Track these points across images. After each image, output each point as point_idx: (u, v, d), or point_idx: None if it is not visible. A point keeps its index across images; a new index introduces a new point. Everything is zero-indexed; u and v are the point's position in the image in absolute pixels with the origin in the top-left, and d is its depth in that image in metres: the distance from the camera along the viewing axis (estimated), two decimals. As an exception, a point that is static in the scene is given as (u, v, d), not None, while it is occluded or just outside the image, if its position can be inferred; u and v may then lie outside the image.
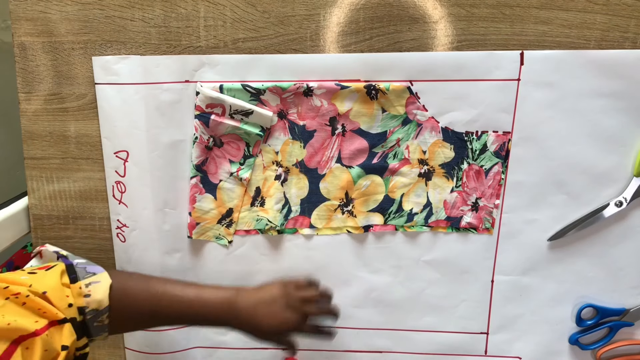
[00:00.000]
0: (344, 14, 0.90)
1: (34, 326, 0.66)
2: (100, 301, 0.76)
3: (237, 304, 0.86)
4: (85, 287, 0.75)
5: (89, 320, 0.75)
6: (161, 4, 0.91)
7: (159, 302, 0.83)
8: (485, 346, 1.06)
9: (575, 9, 0.88)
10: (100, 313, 0.76)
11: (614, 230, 0.97)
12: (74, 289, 0.75)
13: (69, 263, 0.78)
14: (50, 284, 0.72)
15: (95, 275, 0.78)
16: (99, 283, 0.77)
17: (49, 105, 0.96)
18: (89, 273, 0.78)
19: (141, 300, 0.82)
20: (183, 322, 0.87)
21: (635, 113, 0.91)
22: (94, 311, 0.75)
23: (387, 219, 0.99)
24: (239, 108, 0.93)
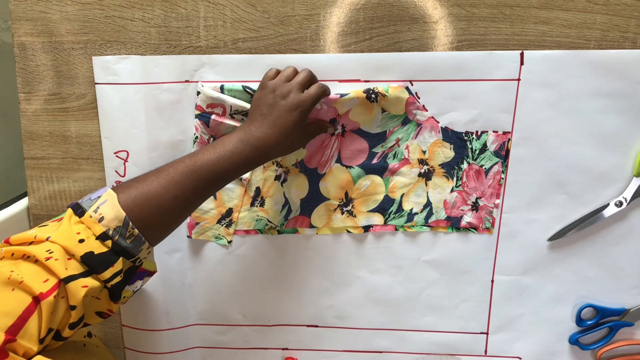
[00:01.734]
0: (344, 14, 0.90)
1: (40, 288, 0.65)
2: (115, 216, 0.73)
3: (249, 140, 0.82)
4: (95, 212, 0.72)
5: (120, 240, 0.73)
6: (161, 4, 0.91)
7: (178, 186, 0.78)
8: (485, 346, 1.06)
9: (575, 9, 0.88)
10: (124, 227, 0.73)
11: (614, 230, 0.97)
12: (86, 221, 0.72)
13: (73, 204, 0.75)
14: (54, 229, 0.71)
15: (100, 197, 0.74)
16: (105, 202, 0.73)
17: (49, 105, 0.96)
18: (93, 200, 0.74)
19: (161, 194, 0.77)
20: (213, 189, 0.83)
21: (635, 113, 0.91)
22: (117, 229, 0.73)
23: (387, 219, 0.99)
24: (240, 108, 0.93)
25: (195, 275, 1.03)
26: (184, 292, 1.03)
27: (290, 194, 0.99)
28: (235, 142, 0.82)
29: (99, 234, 0.72)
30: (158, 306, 1.03)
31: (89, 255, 0.71)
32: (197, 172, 0.79)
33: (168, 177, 0.78)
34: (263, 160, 0.85)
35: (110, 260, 0.73)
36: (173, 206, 0.78)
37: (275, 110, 0.84)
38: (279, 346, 1.08)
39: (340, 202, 0.99)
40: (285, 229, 1.00)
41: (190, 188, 0.79)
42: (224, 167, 0.80)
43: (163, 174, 0.78)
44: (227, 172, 0.81)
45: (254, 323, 1.06)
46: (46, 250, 0.68)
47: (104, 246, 0.72)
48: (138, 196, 0.75)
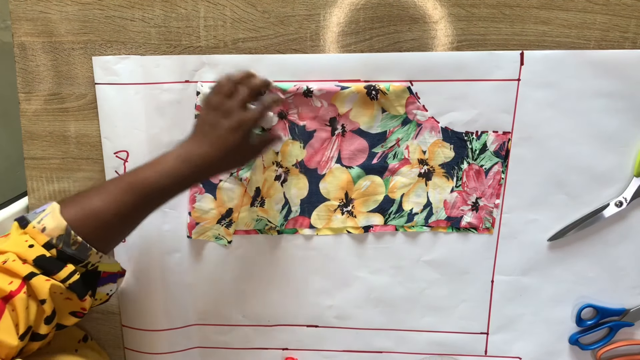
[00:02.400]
0: (344, 14, 0.90)
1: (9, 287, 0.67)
2: (57, 226, 0.73)
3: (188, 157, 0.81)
4: (38, 223, 0.73)
5: (64, 248, 0.73)
6: (161, 4, 0.91)
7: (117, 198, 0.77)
8: (485, 346, 1.06)
9: (575, 9, 0.88)
10: (66, 235, 0.73)
11: (614, 231, 0.98)
12: (30, 231, 0.73)
13: (19, 217, 0.75)
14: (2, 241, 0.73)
15: (44, 211, 0.75)
16: (48, 214, 0.74)
17: (49, 105, 0.96)
18: (38, 212, 0.75)
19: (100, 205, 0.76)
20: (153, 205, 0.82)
21: (635, 113, 0.91)
22: (60, 237, 0.73)
23: (387, 220, 0.99)
24: (239, 108, 0.93)
25: (195, 275, 1.03)
26: (184, 292, 1.03)
27: (290, 194, 0.99)
28: (175, 160, 0.80)
29: (43, 243, 0.73)
30: (158, 306, 1.03)
31: (41, 258, 0.72)
32: (137, 189, 0.78)
33: (109, 193, 0.78)
34: (203, 178, 0.88)
35: (60, 265, 0.74)
36: (115, 222, 0.78)
37: (217, 129, 0.82)
38: (279, 346, 1.08)
39: (340, 203, 0.99)
40: (285, 229, 1.00)
41: (131, 205, 0.78)
42: (163, 184, 0.79)
43: (104, 190, 0.78)
44: (167, 190, 0.81)
45: (254, 323, 1.06)
46: (1, 262, 0.69)
47: (49, 253, 0.73)
48: (80, 211, 0.76)
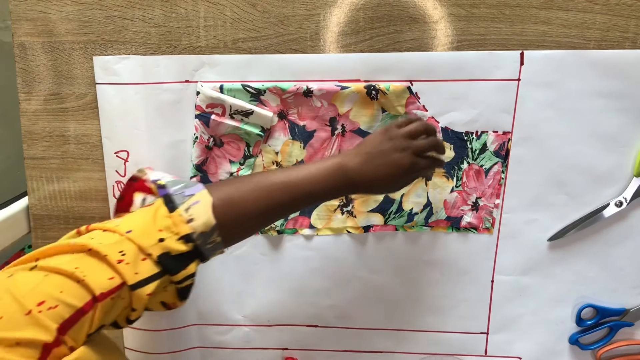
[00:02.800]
0: (344, 14, 0.90)
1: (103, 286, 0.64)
2: (205, 222, 0.72)
3: (346, 169, 0.81)
4: (185, 212, 0.72)
5: (201, 245, 0.73)
6: (161, 4, 0.91)
7: (269, 198, 0.78)
8: (486, 346, 1.06)
9: (575, 9, 0.88)
10: (209, 234, 0.73)
11: (614, 230, 0.98)
12: (175, 218, 0.71)
13: (165, 193, 0.75)
14: (137, 223, 0.71)
15: (194, 196, 0.74)
16: (198, 203, 0.73)
17: (49, 105, 0.96)
18: (186, 196, 0.74)
19: (250, 203, 0.77)
20: (297, 207, 0.83)
21: (635, 113, 0.92)
22: (203, 234, 0.72)
23: (387, 219, 0.99)
24: (239, 108, 0.93)
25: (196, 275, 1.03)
26: (184, 292, 1.03)
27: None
28: (334, 167, 0.81)
29: (183, 235, 0.71)
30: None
31: (165, 256, 0.70)
32: (288, 187, 0.79)
33: (260, 187, 0.78)
34: (350, 192, 0.88)
35: (185, 262, 0.73)
36: (258, 216, 0.79)
37: (385, 158, 0.82)
38: (279, 346, 1.08)
39: (340, 203, 0.99)
40: (285, 229, 1.00)
41: (278, 201, 0.79)
42: (315, 188, 0.80)
43: (255, 183, 0.79)
44: (317, 194, 0.81)
45: (254, 323, 1.06)
46: (119, 251, 0.67)
47: (184, 246, 0.71)
48: (227, 202, 0.75)
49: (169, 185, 0.77)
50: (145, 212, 0.73)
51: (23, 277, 0.63)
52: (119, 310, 0.69)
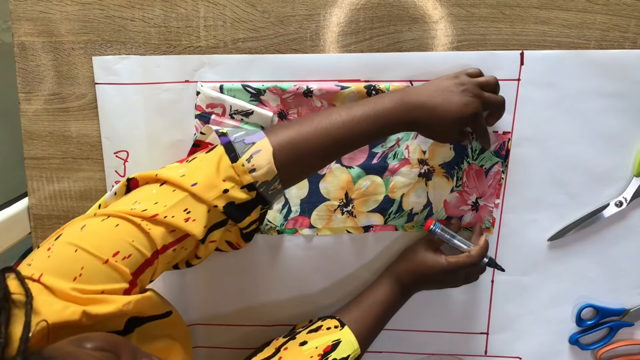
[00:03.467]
0: (344, 14, 0.90)
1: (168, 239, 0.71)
2: (267, 172, 0.74)
3: (410, 101, 0.80)
4: (247, 162, 0.73)
5: (264, 192, 0.75)
6: (161, 4, 0.91)
7: (330, 137, 0.79)
8: (485, 346, 1.06)
9: (575, 9, 0.88)
10: (271, 182, 0.75)
11: (614, 230, 0.98)
12: (237, 168, 0.73)
13: (226, 141, 0.75)
14: (202, 174, 0.73)
15: (255, 145, 0.75)
16: (259, 152, 0.74)
17: (49, 105, 0.96)
18: (247, 144, 0.75)
19: (311, 146, 0.78)
20: (360, 144, 0.83)
21: (635, 113, 0.92)
22: (265, 183, 0.74)
23: (387, 219, 0.99)
24: (239, 108, 0.93)
25: (196, 275, 1.03)
26: (184, 292, 1.04)
27: (290, 194, 0.99)
28: (396, 103, 0.80)
29: (246, 184, 0.74)
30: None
31: (230, 206, 0.74)
32: (349, 126, 0.79)
33: (323, 128, 0.78)
34: (410, 128, 0.84)
35: (249, 209, 0.76)
36: (318, 158, 0.81)
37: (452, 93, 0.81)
38: (279, 346, 1.08)
39: (340, 203, 0.99)
40: (285, 229, 1.00)
41: (339, 141, 0.79)
42: (375, 126, 0.80)
43: (316, 124, 0.79)
44: (378, 132, 0.81)
45: (254, 323, 1.06)
46: (184, 210, 0.71)
47: (247, 195, 0.74)
48: (289, 147, 0.77)
49: (230, 133, 0.78)
50: (208, 162, 0.75)
51: (96, 228, 0.68)
52: (180, 258, 0.76)
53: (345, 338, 0.88)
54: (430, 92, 0.81)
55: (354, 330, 0.90)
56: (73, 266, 0.63)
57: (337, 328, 0.90)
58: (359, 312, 0.94)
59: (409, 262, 0.96)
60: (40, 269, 0.62)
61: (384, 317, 0.95)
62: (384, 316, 0.95)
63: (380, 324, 0.95)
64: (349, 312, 0.95)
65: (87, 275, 0.63)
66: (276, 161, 0.75)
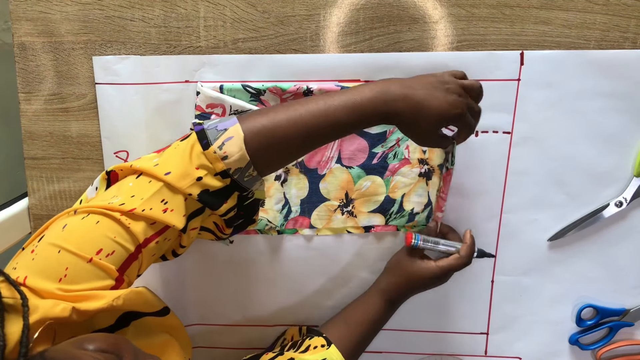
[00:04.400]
0: (344, 14, 0.90)
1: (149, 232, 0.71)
2: (239, 158, 0.72)
3: (391, 91, 0.76)
4: (219, 149, 0.72)
5: (239, 179, 0.74)
6: (161, 4, 0.91)
7: (304, 126, 0.76)
8: (486, 346, 1.06)
9: (575, 9, 0.88)
10: (245, 169, 0.73)
11: (614, 231, 0.98)
12: (209, 155, 0.72)
13: (199, 129, 0.74)
14: (175, 163, 0.73)
15: (227, 131, 0.73)
16: (231, 139, 0.73)
17: (49, 105, 0.96)
18: (220, 131, 0.73)
19: (284, 133, 0.75)
20: (337, 135, 0.80)
21: (635, 113, 0.92)
22: (238, 170, 0.73)
23: (388, 220, 0.99)
24: (239, 108, 0.93)
25: (196, 275, 1.03)
26: (184, 292, 1.04)
27: (290, 194, 0.99)
28: (375, 95, 0.76)
29: (219, 172, 0.73)
30: (158, 306, 1.03)
31: (205, 193, 0.73)
32: (326, 116, 0.76)
33: (297, 115, 0.76)
34: (389, 122, 0.79)
35: (225, 196, 0.75)
36: (294, 146, 0.78)
37: (436, 90, 0.77)
38: (279, 346, 1.08)
39: (341, 203, 0.99)
40: (285, 230, 1.00)
41: (315, 131, 0.76)
42: (352, 118, 0.76)
43: (292, 111, 0.76)
44: (355, 124, 0.77)
45: (254, 323, 1.06)
46: (161, 201, 0.71)
47: (221, 182, 0.74)
48: (261, 134, 0.74)
49: (205, 121, 0.77)
50: (181, 150, 0.74)
51: (77, 227, 0.68)
52: (165, 249, 0.76)
53: (332, 357, 0.89)
54: (414, 84, 0.77)
55: (341, 348, 0.91)
56: (57, 267, 0.63)
57: (323, 347, 0.91)
58: (346, 330, 0.95)
59: (398, 277, 0.96)
60: (25, 272, 0.62)
61: (371, 334, 0.96)
62: (371, 333, 0.96)
63: (367, 341, 0.97)
64: (336, 329, 0.95)
65: (72, 275, 0.63)
66: (248, 148, 0.73)
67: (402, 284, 0.95)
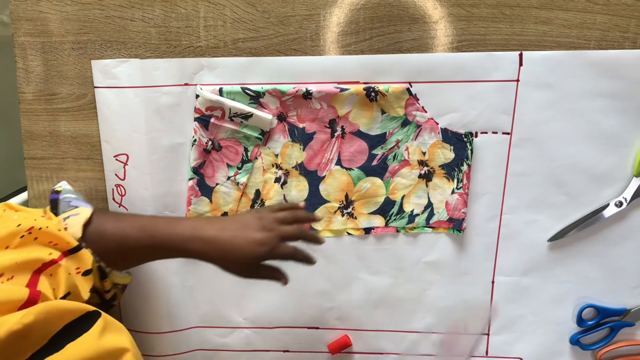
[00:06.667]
0: (344, 14, 0.90)
1: (49, 257, 0.66)
2: (73, 234, 0.72)
3: (203, 230, 0.81)
4: (63, 220, 0.72)
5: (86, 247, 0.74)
6: (161, 4, 0.91)
7: (125, 240, 0.78)
8: (487, 347, 1.06)
9: (575, 9, 0.88)
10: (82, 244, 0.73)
11: (614, 231, 0.98)
12: (53, 220, 0.72)
13: (54, 198, 0.75)
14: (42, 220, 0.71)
15: (77, 209, 0.74)
16: (77, 216, 0.73)
17: (49, 105, 0.96)
18: (72, 207, 0.74)
19: (110, 240, 0.76)
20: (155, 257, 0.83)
21: (635, 113, 0.92)
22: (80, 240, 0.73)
23: (388, 221, 0.99)
24: (239, 111, 0.93)
25: (196, 277, 1.03)
26: (184, 295, 1.03)
27: (290, 196, 0.99)
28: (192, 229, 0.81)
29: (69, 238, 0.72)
30: (159, 309, 1.03)
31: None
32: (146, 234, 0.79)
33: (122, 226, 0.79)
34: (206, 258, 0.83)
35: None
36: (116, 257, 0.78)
37: (248, 232, 0.81)
38: (280, 348, 1.08)
39: (341, 205, 0.99)
40: (285, 231, 1.00)
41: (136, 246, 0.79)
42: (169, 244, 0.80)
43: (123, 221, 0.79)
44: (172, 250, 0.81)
45: (255, 325, 1.06)
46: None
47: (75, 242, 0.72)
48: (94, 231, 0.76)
49: (62, 192, 0.78)
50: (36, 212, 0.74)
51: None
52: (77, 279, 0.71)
53: None
54: (226, 225, 0.82)
55: None
56: None
57: None
58: None
59: None
60: None
61: None
62: None
63: None
64: None
65: None
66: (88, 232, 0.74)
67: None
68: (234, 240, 0.80)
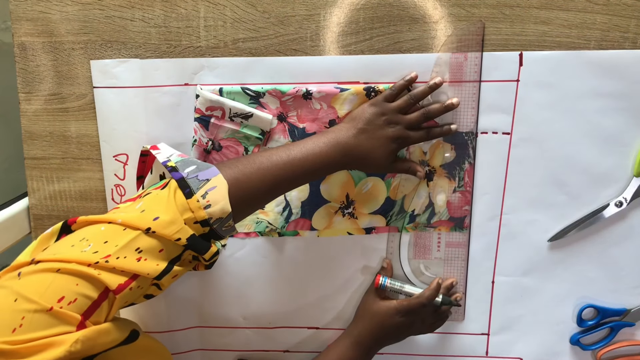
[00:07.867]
0: (344, 14, 0.90)
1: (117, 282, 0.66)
2: (222, 209, 0.74)
3: (343, 145, 0.87)
4: (202, 198, 0.73)
5: (217, 228, 0.75)
6: (161, 4, 0.91)
7: (272, 176, 0.82)
8: (487, 347, 1.06)
9: (575, 9, 0.88)
10: (226, 219, 0.75)
11: (614, 231, 0.98)
12: (192, 204, 0.73)
13: (179, 177, 0.75)
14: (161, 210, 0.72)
15: (210, 181, 0.75)
16: (215, 189, 0.75)
17: (49, 105, 0.96)
18: (202, 181, 0.75)
19: (254, 184, 0.80)
20: (301, 182, 0.87)
21: (635, 113, 0.92)
22: (219, 220, 0.75)
23: (389, 221, 0.99)
24: (239, 111, 0.93)
25: (196, 277, 1.03)
26: (185, 295, 1.03)
27: (290, 196, 0.99)
28: (332, 144, 0.86)
29: (200, 220, 0.73)
30: (159, 308, 1.03)
31: (194, 237, 0.73)
32: (291, 166, 0.83)
33: (263, 168, 0.81)
34: (348, 167, 0.91)
35: (207, 245, 0.76)
36: (263, 194, 0.83)
37: (378, 131, 0.88)
38: (280, 348, 1.08)
39: (342, 205, 0.99)
40: (285, 232, 1.00)
41: (282, 180, 0.83)
42: (315, 165, 0.85)
43: (258, 164, 0.82)
44: (318, 171, 0.86)
45: (255, 325, 1.06)
46: (135, 249, 0.68)
47: (201, 230, 0.75)
48: (241, 194, 0.78)
49: (180, 168, 0.78)
50: (164, 198, 0.74)
51: (35, 278, 0.62)
52: (137, 295, 0.72)
53: None
54: (358, 132, 0.88)
55: None
56: (13, 317, 0.58)
57: None
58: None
59: (364, 319, 1.00)
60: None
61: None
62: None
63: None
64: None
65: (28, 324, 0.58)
66: (230, 196, 0.75)
67: (367, 325, 0.99)
68: (373, 148, 0.88)
